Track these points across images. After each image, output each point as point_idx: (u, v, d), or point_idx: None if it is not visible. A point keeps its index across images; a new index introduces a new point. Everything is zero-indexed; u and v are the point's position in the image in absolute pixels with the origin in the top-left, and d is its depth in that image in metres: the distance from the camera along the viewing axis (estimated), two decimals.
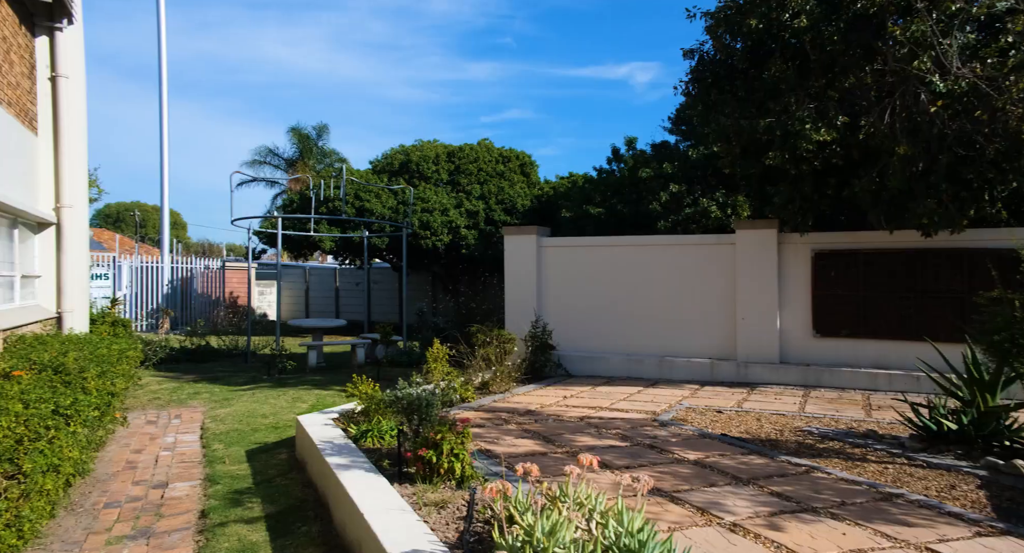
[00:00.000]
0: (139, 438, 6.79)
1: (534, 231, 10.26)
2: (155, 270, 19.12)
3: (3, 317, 6.59)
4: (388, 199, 17.06)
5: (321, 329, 12.17)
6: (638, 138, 16.66)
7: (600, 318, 9.93)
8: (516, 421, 6.51)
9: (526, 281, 10.22)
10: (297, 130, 28.18)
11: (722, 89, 8.42)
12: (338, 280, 23.26)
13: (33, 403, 3.85)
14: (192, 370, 11.23)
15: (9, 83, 7.14)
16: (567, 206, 16.03)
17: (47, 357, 5.24)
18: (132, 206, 43.52)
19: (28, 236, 8.01)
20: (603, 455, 5.14)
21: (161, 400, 8.73)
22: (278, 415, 7.82)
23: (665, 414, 6.81)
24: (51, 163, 8.27)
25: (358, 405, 6.34)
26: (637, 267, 9.87)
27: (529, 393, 8.18)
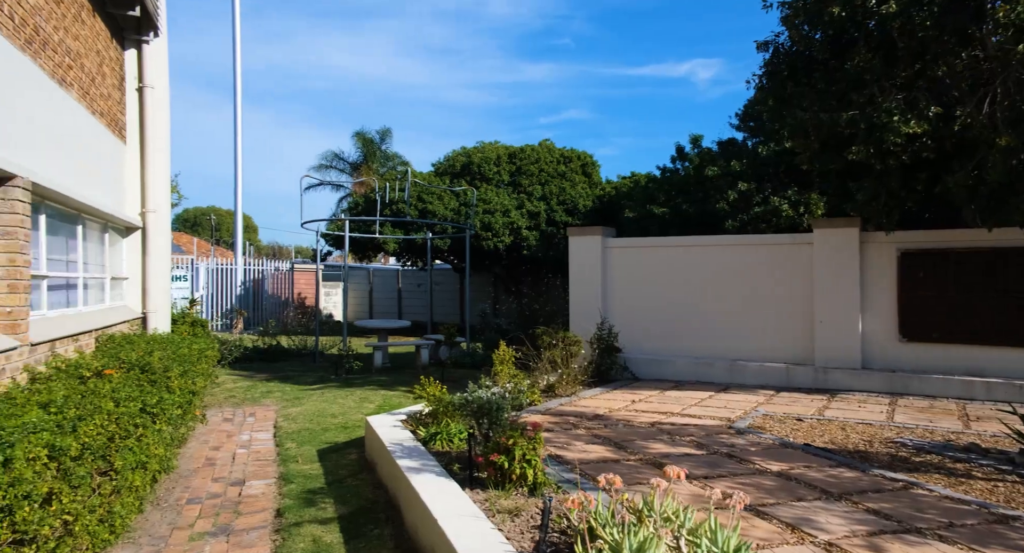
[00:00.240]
0: (217, 435, 7.00)
1: (599, 231, 10.06)
2: (229, 272, 19.90)
3: (96, 317, 6.92)
4: (450, 201, 17.17)
5: (386, 330, 12.34)
6: (703, 136, 16.18)
7: (667, 320, 9.64)
8: (585, 426, 6.35)
9: (591, 282, 10.03)
10: (361, 134, 28.84)
11: (799, 82, 8.00)
12: (400, 281, 23.63)
13: (123, 401, 3.97)
14: (264, 369, 11.57)
15: (102, 95, 7.51)
16: (630, 206, 15.72)
17: (134, 356, 5.44)
18: (208, 210, 45.61)
19: (117, 240, 8.41)
20: (678, 463, 4.93)
21: (236, 398, 9.01)
22: (347, 415, 7.92)
23: (741, 421, 6.50)
24: (137, 170, 8.66)
25: (426, 407, 6.33)
26: (706, 268, 9.53)
27: (596, 397, 8.00)
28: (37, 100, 5.56)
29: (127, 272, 8.54)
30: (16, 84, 5.11)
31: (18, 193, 4.80)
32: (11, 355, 4.62)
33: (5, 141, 4.84)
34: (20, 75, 5.19)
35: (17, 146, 5.06)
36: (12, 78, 5.03)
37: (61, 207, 6.35)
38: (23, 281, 4.83)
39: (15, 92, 5.07)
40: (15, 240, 4.76)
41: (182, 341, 7.33)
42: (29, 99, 5.37)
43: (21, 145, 5.15)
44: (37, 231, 5.78)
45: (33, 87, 5.47)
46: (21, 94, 5.20)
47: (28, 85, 5.36)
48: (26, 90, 5.31)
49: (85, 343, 6.29)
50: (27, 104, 5.33)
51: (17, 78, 5.13)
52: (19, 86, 5.17)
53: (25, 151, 5.20)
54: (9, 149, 4.86)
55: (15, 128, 5.06)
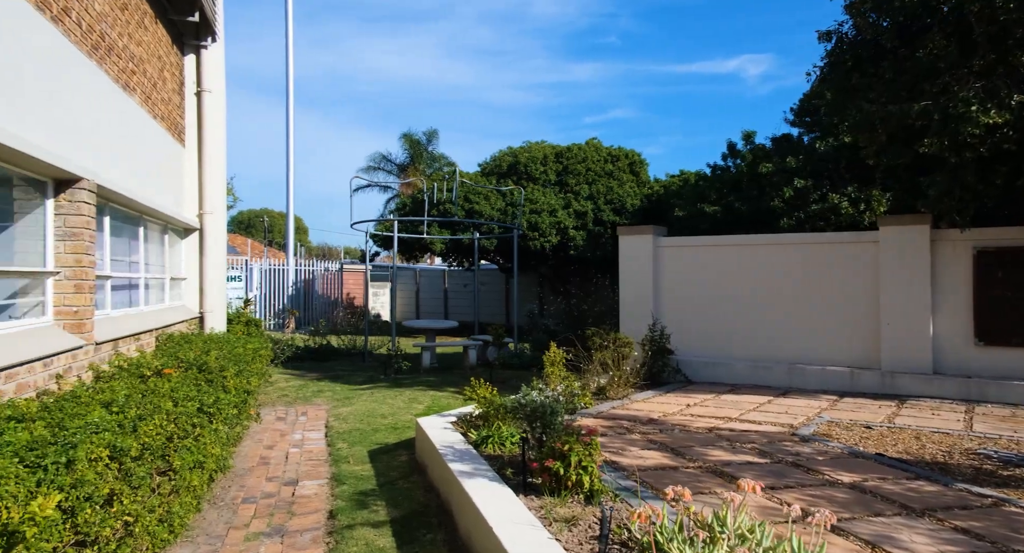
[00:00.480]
0: (270, 434, 7.07)
1: (650, 231, 9.81)
2: (281, 272, 20.33)
3: (156, 317, 7.09)
4: (497, 201, 17.11)
5: (433, 330, 12.34)
6: (756, 132, 15.67)
7: (722, 321, 9.31)
8: (639, 430, 6.15)
9: (642, 282, 9.79)
10: (409, 136, 29.13)
11: (865, 72, 7.60)
12: (447, 281, 23.72)
13: (181, 401, 3.99)
14: (315, 368, 11.72)
15: (163, 99, 7.70)
16: (680, 204, 15.34)
17: (192, 356, 5.52)
18: (261, 212, 46.91)
19: (176, 241, 8.62)
20: (741, 472, 4.69)
21: (289, 397, 9.12)
22: (396, 415, 7.91)
23: (805, 428, 6.18)
24: (195, 172, 8.86)
25: (476, 409, 6.24)
26: (764, 267, 9.17)
27: (648, 400, 7.77)
28: (102, 105, 5.71)
29: (185, 273, 8.74)
30: (82, 89, 5.24)
31: (84, 195, 4.91)
32: (77, 354, 4.73)
33: (72, 144, 4.97)
34: (86, 80, 5.32)
35: (83, 149, 5.19)
36: (79, 83, 5.16)
37: (124, 209, 6.51)
38: (88, 281, 4.95)
39: (81, 97, 5.20)
40: (81, 241, 4.88)
41: (237, 341, 7.44)
42: (95, 104, 5.51)
43: (87, 148, 5.28)
44: (101, 232, 5.93)
45: (98, 92, 5.61)
46: (87, 99, 5.34)
47: (94, 90, 5.50)
48: (92, 95, 5.45)
49: (146, 342, 6.44)
50: (93, 108, 5.46)
51: (83, 83, 5.26)
52: (85, 91, 5.30)
53: (90, 154, 5.33)
54: (76, 152, 4.98)
55: (81, 132, 5.19)
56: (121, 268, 6.46)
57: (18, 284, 4.60)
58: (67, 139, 4.89)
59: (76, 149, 5.01)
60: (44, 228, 4.77)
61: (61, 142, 4.76)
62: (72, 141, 4.98)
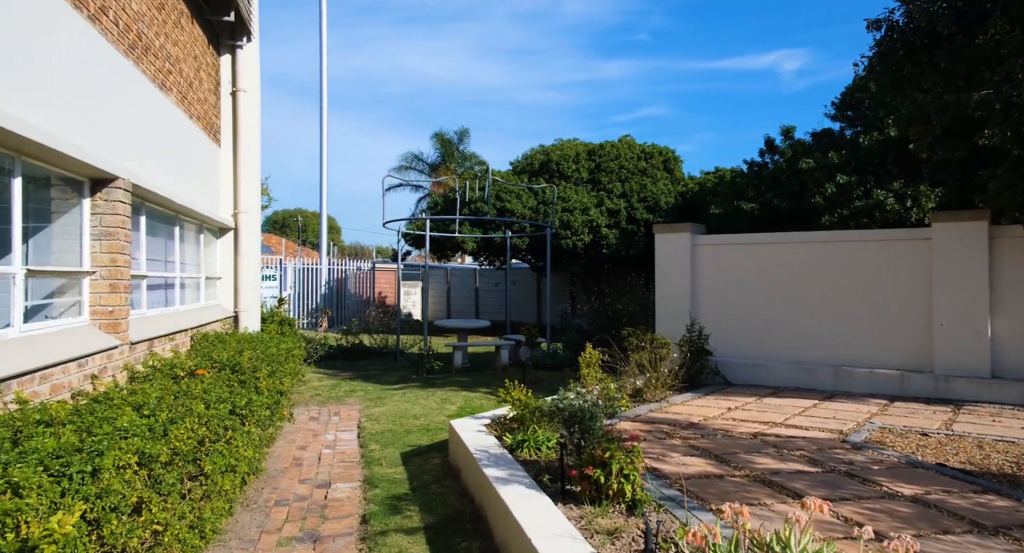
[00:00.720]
0: (303, 434, 7.02)
1: (687, 229, 9.51)
2: (314, 272, 20.49)
3: (192, 316, 7.10)
4: (528, 199, 16.93)
5: (465, 329, 12.22)
6: (796, 127, 15.17)
7: (763, 322, 8.98)
8: (680, 435, 5.91)
9: (679, 282, 9.50)
10: (440, 135, 29.14)
11: (918, 61, 7.21)
12: (478, 280, 23.63)
13: (213, 404, 3.91)
14: (347, 367, 11.70)
15: (199, 99, 7.72)
16: (716, 202, 14.94)
17: (225, 356, 5.47)
18: (295, 212, 47.58)
19: (211, 240, 8.66)
20: (791, 482, 4.43)
21: (321, 397, 9.09)
22: (429, 416, 7.80)
23: (855, 434, 5.87)
24: (230, 172, 8.89)
25: (510, 411, 6.08)
26: (807, 266, 8.81)
27: (687, 403, 7.50)
28: (138, 104, 5.70)
29: (220, 272, 8.77)
30: (119, 88, 5.22)
31: (119, 194, 4.89)
32: (112, 354, 4.71)
33: (108, 144, 4.95)
34: (123, 79, 5.31)
35: (119, 148, 5.17)
36: (115, 82, 5.14)
37: (160, 208, 6.52)
38: (123, 281, 4.92)
39: (118, 96, 5.19)
40: (116, 241, 4.85)
41: (271, 340, 7.41)
42: (131, 103, 5.50)
43: (123, 147, 5.26)
44: (137, 232, 5.93)
45: (135, 91, 5.60)
46: (123, 98, 5.32)
47: (130, 89, 5.49)
48: (128, 94, 5.43)
49: (181, 341, 6.44)
50: (129, 108, 5.45)
51: (120, 82, 5.25)
52: (121, 90, 5.29)
53: (126, 153, 5.32)
54: (111, 151, 4.96)
55: (117, 131, 5.17)
56: (157, 267, 6.47)
57: (55, 284, 4.60)
58: (103, 138, 4.88)
59: (112, 148, 5.00)
60: (80, 228, 4.76)
61: (97, 141, 4.74)
62: (108, 140, 4.96)
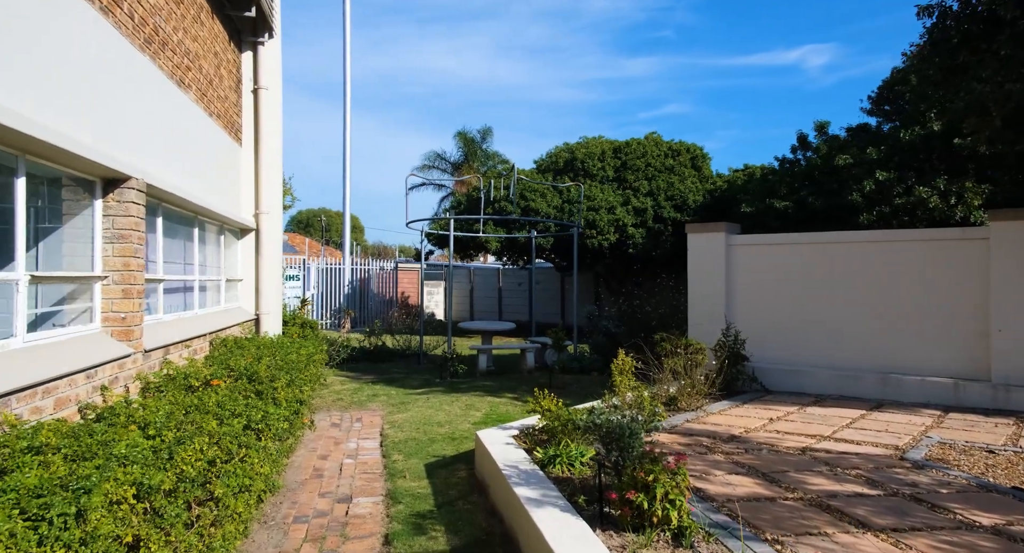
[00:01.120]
0: (325, 442, 6.76)
1: (722, 228, 9.08)
2: (338, 272, 20.35)
3: (211, 320, 6.87)
4: (553, 198, 16.57)
5: (490, 331, 11.91)
6: (830, 122, 14.61)
7: (803, 326, 8.51)
8: (721, 449, 5.51)
9: (712, 284, 9.07)
10: (463, 134, 28.87)
11: (975, 49, 6.70)
12: (501, 280, 23.32)
13: (226, 419, 3.63)
14: (370, 370, 11.46)
15: (219, 96, 7.49)
16: (747, 200, 14.42)
17: (243, 364, 5.21)
18: (319, 212, 47.76)
19: (232, 242, 8.45)
20: (852, 507, 4.02)
21: (343, 401, 8.84)
22: (453, 424, 7.49)
23: (914, 450, 5.41)
24: (252, 171, 8.67)
25: (540, 422, 5.74)
26: (851, 267, 8.32)
27: (725, 412, 7.09)
28: (155, 101, 5.46)
29: (242, 274, 8.56)
30: (133, 84, 4.98)
31: (132, 195, 4.64)
32: (124, 363, 4.47)
33: (121, 142, 4.71)
34: (138, 75, 5.07)
35: (133, 147, 4.93)
36: (129, 78, 4.90)
37: (178, 209, 6.29)
38: (137, 286, 4.68)
39: (132, 92, 4.95)
40: (129, 243, 4.61)
41: (291, 345, 7.16)
42: (147, 100, 5.26)
43: (137, 146, 5.02)
44: (154, 234, 5.70)
45: (152, 87, 5.37)
46: (139, 94, 5.09)
47: (146, 86, 5.25)
48: (144, 91, 5.20)
49: (199, 347, 6.21)
50: (145, 104, 5.22)
51: (135, 78, 5.01)
52: (136, 86, 5.05)
53: (141, 152, 5.08)
54: (124, 150, 4.72)
55: (131, 129, 4.93)
56: (175, 270, 6.24)
57: (65, 290, 4.36)
58: (116, 136, 4.64)
59: (125, 147, 4.76)
60: (92, 230, 4.52)
61: (109, 139, 4.50)
62: (121, 138, 4.72)
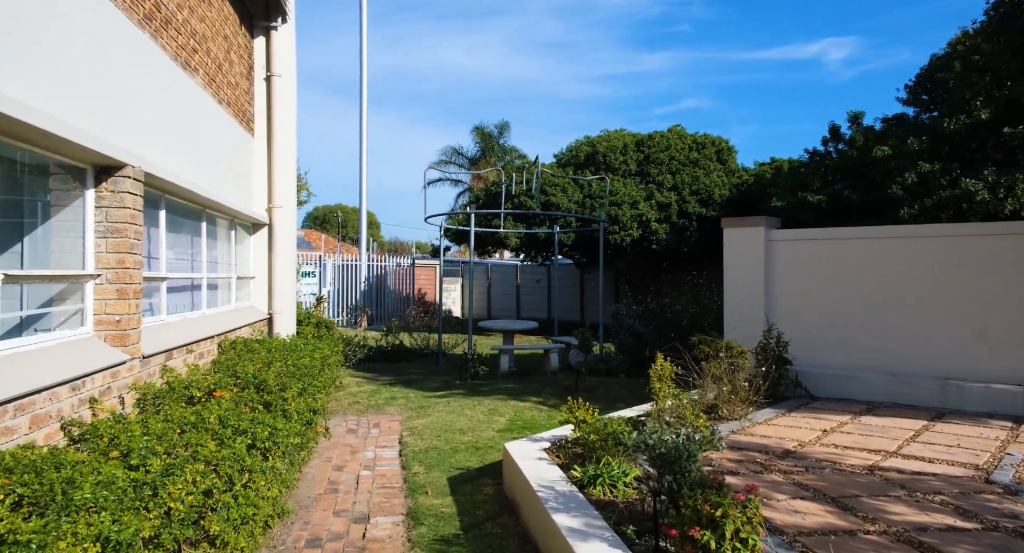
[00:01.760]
0: (340, 451, 6.28)
1: (761, 222, 8.45)
2: (354, 268, 19.93)
3: (220, 321, 6.40)
4: (574, 193, 15.98)
5: (511, 331, 11.36)
6: (865, 112, 13.83)
7: (851, 326, 7.87)
8: (778, 467, 4.93)
9: (751, 281, 8.45)
10: (480, 129, 28.33)
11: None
12: (519, 277, 22.78)
13: (228, 439, 3.12)
14: (387, 370, 10.98)
15: (229, 83, 7.01)
16: (777, 194, 13.72)
17: (251, 370, 4.72)
18: (336, 208, 47.50)
19: (244, 237, 7.98)
20: (949, 546, 3.42)
21: (360, 405, 8.36)
22: (476, 431, 6.98)
23: (999, 472, 4.79)
24: (265, 163, 8.20)
25: (573, 434, 5.21)
26: (904, 264, 7.66)
27: (772, 422, 6.49)
28: (157, 83, 4.97)
29: (254, 271, 8.10)
30: (131, 64, 4.49)
31: (128, 184, 4.16)
32: (118, 371, 3.99)
33: (116, 127, 4.22)
34: (136, 54, 4.58)
35: (131, 132, 4.45)
36: (126, 57, 4.41)
37: (184, 202, 5.82)
38: (133, 285, 4.20)
39: (130, 73, 4.46)
40: (124, 238, 4.12)
41: (305, 346, 6.68)
42: (147, 82, 4.78)
43: (135, 132, 4.54)
44: (157, 228, 5.23)
45: (152, 69, 4.88)
46: (137, 76, 4.60)
47: (146, 66, 4.76)
48: (143, 72, 4.71)
49: (206, 350, 5.73)
50: (144, 87, 4.73)
51: (132, 57, 4.52)
52: (135, 67, 4.56)
53: (140, 138, 4.59)
54: (120, 135, 4.23)
55: (128, 113, 4.44)
56: (180, 268, 5.77)
57: (53, 290, 3.89)
58: (110, 120, 4.15)
59: (121, 132, 4.27)
60: (83, 224, 4.04)
61: (102, 123, 4.01)
62: (116, 123, 4.24)
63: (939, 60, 13.96)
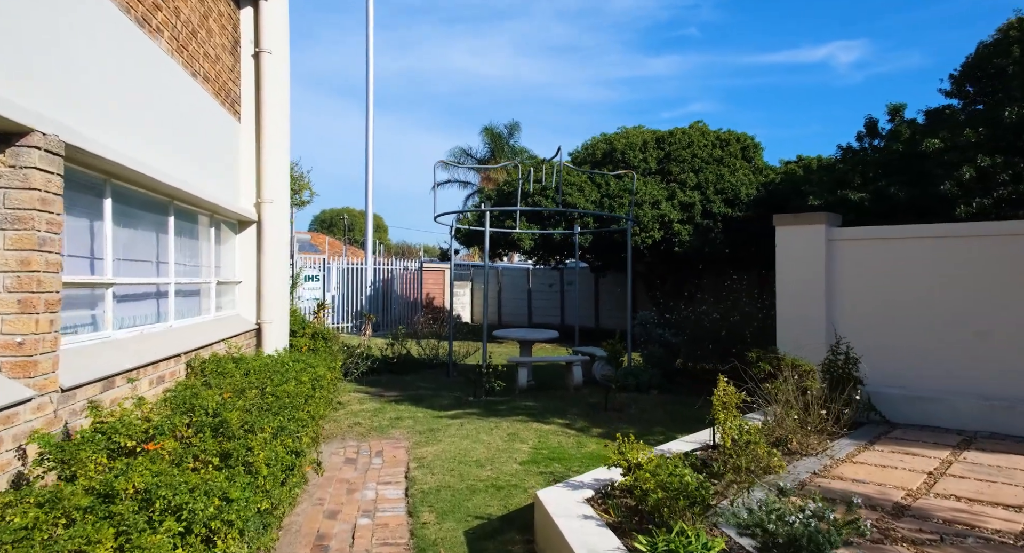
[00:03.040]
0: (335, 489, 5.12)
1: (822, 219, 7.26)
2: (360, 272, 18.81)
3: (191, 334, 5.26)
4: (591, 192, 14.81)
5: (528, 341, 10.19)
6: (906, 105, 12.61)
7: (933, 340, 6.65)
8: (899, 533, 3.72)
9: (809, 287, 7.25)
10: (490, 129, 27.19)
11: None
12: (531, 281, 21.60)
13: (138, 531, 1.96)
14: (393, 384, 9.82)
15: (207, 55, 5.88)
16: (813, 192, 12.50)
17: (213, 404, 3.57)
18: (343, 211, 46.46)
19: (229, 236, 6.86)
20: None
21: (362, 426, 7.20)
22: (496, 463, 5.80)
23: None
24: (253, 153, 7.07)
25: (626, 480, 4.05)
26: (996, 267, 6.45)
27: (856, 458, 5.27)
28: (97, 36, 3.84)
29: (240, 275, 6.96)
30: (55, 6, 3.36)
31: (35, 158, 3.01)
32: (16, 413, 2.83)
33: (21, 80, 3.08)
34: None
35: (49, 92, 3.31)
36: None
37: (141, 191, 4.68)
38: (46, 294, 3.05)
39: (46, 12, 3.32)
40: (30, 231, 2.98)
41: (294, 365, 5.52)
42: (81, 31, 3.64)
43: (59, 93, 3.40)
44: (101, 221, 4.09)
45: (88, 16, 3.75)
46: (63, 19, 3.47)
47: (78, 11, 3.63)
48: (74, 18, 3.58)
49: (170, 371, 4.58)
50: (77, 38, 3.60)
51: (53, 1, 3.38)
52: (61, 10, 3.43)
53: (68, 103, 3.45)
54: (26, 92, 3.09)
55: (44, 66, 3.30)
56: (137, 271, 4.63)
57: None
58: (10, 71, 3.02)
59: (28, 87, 3.14)
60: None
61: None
62: (20, 74, 3.10)
63: (988, 48, 12.72)
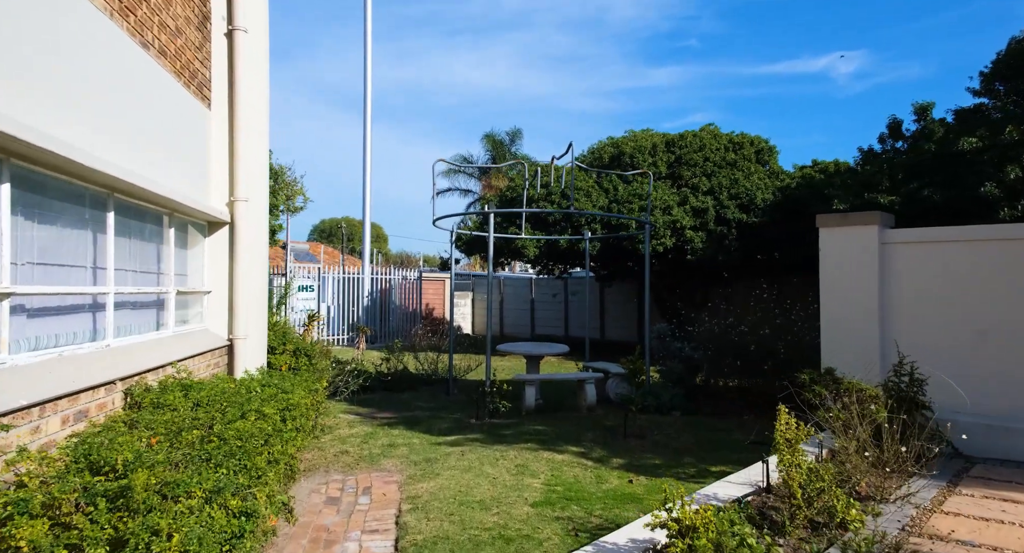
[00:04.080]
0: (310, 541, 4.13)
1: (875, 220, 6.30)
2: (356, 282, 17.86)
3: (137, 355, 4.29)
4: (598, 197, 13.89)
5: (536, 356, 9.20)
6: (935, 103, 11.74)
7: (1013, 359, 5.69)
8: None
9: (860, 297, 6.28)
10: (491, 137, 26.33)
11: None
12: (533, 291, 20.63)
13: None
14: (387, 403, 8.83)
15: (165, 27, 4.95)
16: (838, 195, 11.60)
17: (129, 453, 2.59)
18: (342, 221, 45.58)
19: (196, 240, 5.91)
20: None
21: (349, 456, 6.21)
22: (504, 505, 4.81)
23: None
24: (225, 144, 6.13)
25: (675, 547, 3.09)
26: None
27: (945, 507, 4.28)
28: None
29: (209, 284, 6.00)
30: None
31: None
32: None
33: None
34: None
35: None
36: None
37: (64, 178, 3.73)
38: None
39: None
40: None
41: (263, 390, 4.54)
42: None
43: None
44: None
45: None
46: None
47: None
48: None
49: (98, 403, 3.60)
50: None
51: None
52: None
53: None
54: None
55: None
56: (54, 277, 3.67)
57: None
58: None
59: None
60: None
61: None
62: None
63: (1020, 43, 11.88)
